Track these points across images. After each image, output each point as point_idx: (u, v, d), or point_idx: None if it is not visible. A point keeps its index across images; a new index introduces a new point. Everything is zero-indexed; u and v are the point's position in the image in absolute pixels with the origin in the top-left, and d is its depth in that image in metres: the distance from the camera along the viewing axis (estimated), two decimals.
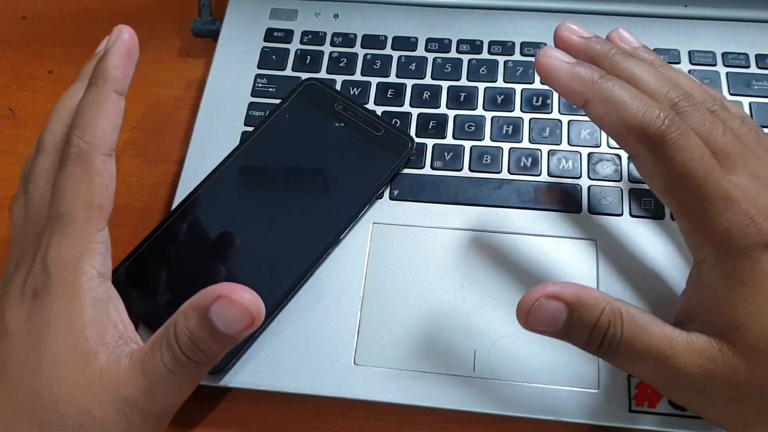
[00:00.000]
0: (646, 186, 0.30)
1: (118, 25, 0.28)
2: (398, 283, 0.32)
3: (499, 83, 0.38)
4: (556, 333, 0.24)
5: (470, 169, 0.35)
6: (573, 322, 0.24)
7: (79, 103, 0.27)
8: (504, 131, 0.36)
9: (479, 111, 0.37)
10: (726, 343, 0.22)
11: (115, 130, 0.27)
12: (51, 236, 0.25)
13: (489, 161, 0.35)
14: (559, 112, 0.37)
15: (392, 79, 0.38)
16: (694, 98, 0.26)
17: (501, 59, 0.39)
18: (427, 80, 0.38)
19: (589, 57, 0.27)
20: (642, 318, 0.24)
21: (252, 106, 0.38)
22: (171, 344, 0.23)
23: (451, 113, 0.37)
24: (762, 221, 0.22)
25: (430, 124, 0.37)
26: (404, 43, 0.40)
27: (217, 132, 0.37)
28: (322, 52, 0.40)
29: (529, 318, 0.24)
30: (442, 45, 0.40)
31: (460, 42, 0.40)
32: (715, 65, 0.38)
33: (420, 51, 0.40)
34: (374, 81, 0.38)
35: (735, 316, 0.22)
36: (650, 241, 0.32)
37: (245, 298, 0.23)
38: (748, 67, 0.38)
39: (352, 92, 0.38)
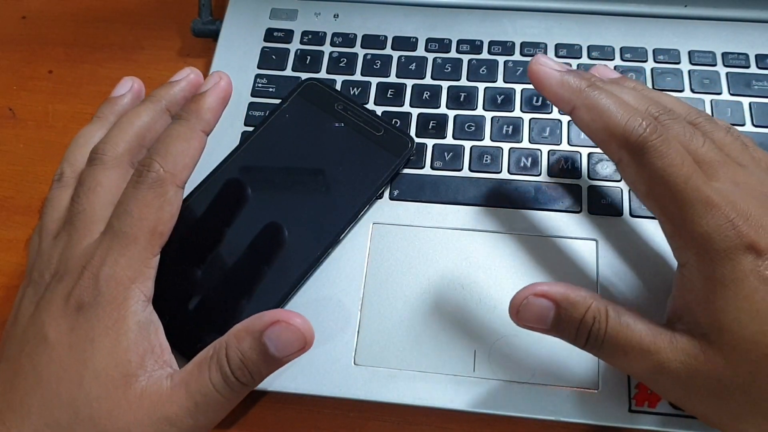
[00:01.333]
0: None
1: (218, 72, 0.30)
2: (398, 283, 0.32)
3: (499, 83, 0.38)
4: (546, 329, 0.25)
5: (470, 169, 0.35)
6: (561, 319, 0.25)
7: (165, 134, 0.28)
8: (504, 131, 0.36)
9: (479, 111, 0.37)
10: (708, 342, 0.23)
11: (193, 166, 0.28)
12: (107, 253, 0.25)
13: (489, 161, 0.35)
14: (559, 112, 0.37)
15: (392, 79, 0.39)
16: (675, 113, 0.27)
17: (501, 59, 0.39)
18: (427, 80, 0.38)
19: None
20: (627, 315, 0.25)
21: (252, 106, 0.38)
22: (222, 365, 0.24)
23: (451, 113, 0.37)
24: (741, 224, 0.23)
25: (430, 124, 0.37)
26: (404, 43, 0.40)
27: (217, 132, 0.37)
28: (322, 52, 0.40)
29: (519, 314, 0.25)
30: (442, 45, 0.40)
31: (460, 42, 0.40)
32: (715, 65, 0.38)
33: (420, 51, 0.40)
34: (374, 81, 0.38)
35: (716, 317, 0.23)
36: (650, 241, 0.32)
37: (299, 323, 0.25)
38: (748, 67, 0.38)
39: (352, 92, 0.38)
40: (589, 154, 0.35)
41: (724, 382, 0.23)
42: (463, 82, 0.38)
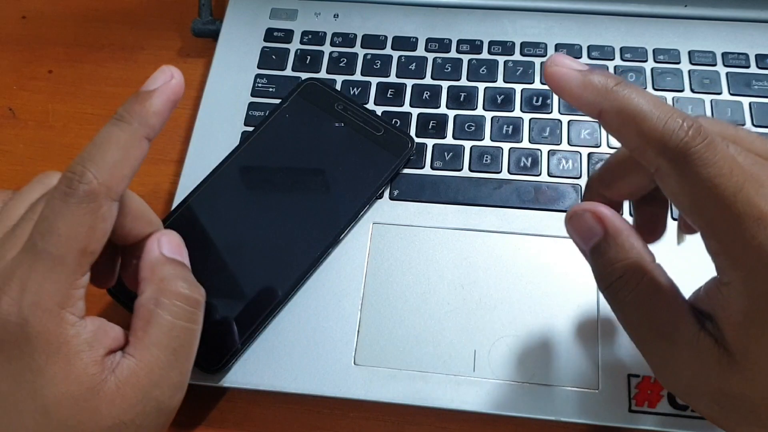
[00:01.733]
0: None
1: (168, 67, 0.25)
2: (398, 283, 0.32)
3: (499, 83, 0.38)
4: (584, 251, 0.24)
5: (470, 169, 0.35)
6: (599, 251, 0.24)
7: (101, 136, 0.24)
8: (504, 131, 0.36)
9: (479, 111, 0.37)
10: (729, 359, 0.22)
11: (131, 177, 0.24)
12: (29, 275, 0.22)
13: (489, 161, 0.35)
14: (559, 112, 0.37)
15: (392, 79, 0.39)
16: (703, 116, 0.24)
17: (501, 59, 0.39)
18: (427, 80, 0.38)
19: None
20: (664, 292, 0.23)
21: (252, 106, 0.38)
22: (178, 293, 0.25)
23: (451, 113, 0.37)
24: None
25: (430, 124, 0.37)
26: (404, 43, 0.40)
27: (217, 132, 0.37)
28: (322, 52, 0.40)
29: (570, 221, 0.25)
30: (442, 45, 0.40)
31: (460, 42, 0.40)
32: (715, 65, 0.38)
33: (420, 51, 0.40)
34: (374, 81, 0.38)
35: (748, 344, 0.21)
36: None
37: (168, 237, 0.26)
38: (748, 67, 0.38)
39: (352, 92, 0.38)
40: (589, 154, 0.35)
41: (733, 399, 0.22)
42: (463, 82, 0.38)
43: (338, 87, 0.38)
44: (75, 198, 0.22)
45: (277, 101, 0.37)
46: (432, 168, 0.35)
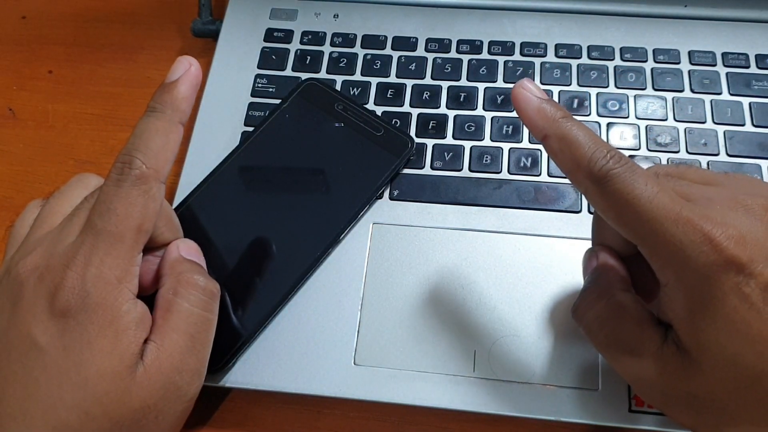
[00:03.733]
0: None
1: (185, 57, 0.29)
2: (398, 283, 0.32)
3: (499, 83, 0.38)
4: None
5: (470, 169, 0.35)
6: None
7: (141, 127, 0.27)
8: (504, 131, 0.36)
9: (479, 111, 0.37)
10: (690, 359, 0.23)
11: (173, 159, 0.27)
12: (93, 252, 0.24)
13: (489, 161, 0.35)
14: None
15: (392, 79, 0.39)
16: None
17: (501, 59, 0.39)
18: (427, 80, 0.38)
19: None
20: (627, 313, 0.25)
21: (252, 106, 0.38)
22: (194, 284, 0.27)
23: (451, 113, 0.37)
24: (719, 237, 0.22)
25: (430, 124, 0.37)
26: (404, 43, 0.40)
27: (217, 132, 0.37)
28: (322, 52, 0.40)
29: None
30: (442, 45, 0.40)
31: (460, 42, 0.40)
32: (715, 65, 0.38)
33: (420, 51, 0.40)
34: (374, 81, 0.38)
35: (697, 337, 0.22)
36: None
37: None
38: (748, 67, 0.38)
39: (352, 92, 0.38)
40: None
41: (701, 400, 0.23)
42: (463, 82, 0.38)
43: (338, 87, 0.38)
44: (128, 182, 0.25)
45: (277, 101, 0.37)
46: (432, 168, 0.35)
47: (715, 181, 0.26)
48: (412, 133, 0.36)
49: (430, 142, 0.36)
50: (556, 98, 0.37)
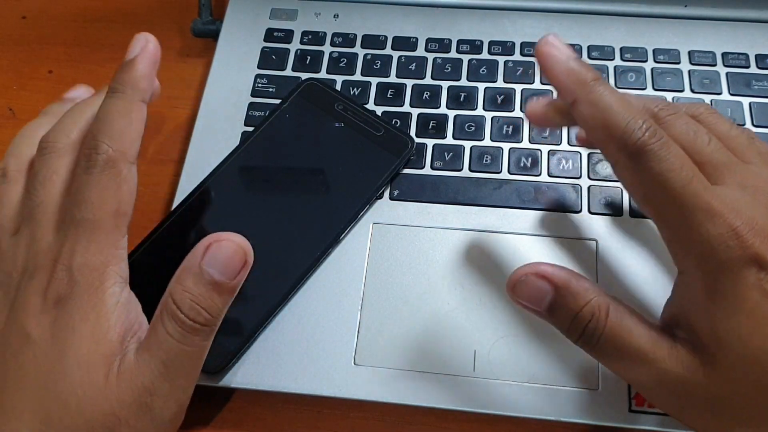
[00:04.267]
0: None
1: (142, 33, 0.29)
2: (398, 283, 0.32)
3: (499, 83, 0.38)
4: (540, 312, 0.25)
5: (470, 169, 0.35)
6: (557, 306, 0.24)
7: (103, 110, 0.27)
8: (504, 131, 0.36)
9: (479, 111, 0.37)
10: (707, 355, 0.22)
11: (140, 138, 0.27)
12: (76, 242, 0.25)
13: (489, 161, 0.35)
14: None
15: (392, 79, 0.39)
16: (676, 106, 0.26)
17: (501, 59, 0.39)
18: (427, 80, 0.38)
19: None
20: (628, 317, 0.24)
21: (252, 106, 0.38)
22: (174, 313, 0.24)
23: (451, 113, 0.37)
24: (745, 234, 0.21)
25: (430, 124, 0.37)
26: (404, 43, 0.40)
27: (217, 132, 0.37)
28: (322, 52, 0.40)
29: (515, 290, 0.25)
30: (442, 45, 0.40)
31: (460, 42, 0.40)
32: (715, 65, 0.38)
33: (420, 51, 0.40)
34: (374, 81, 0.38)
35: (716, 331, 0.22)
36: (650, 241, 0.32)
37: (232, 236, 0.25)
38: (748, 67, 0.38)
39: (352, 92, 0.38)
40: (589, 154, 0.35)
41: (721, 399, 0.22)
42: (463, 82, 0.38)
43: (338, 87, 0.38)
44: (97, 168, 0.25)
45: (277, 101, 0.37)
46: (432, 168, 0.35)
47: (749, 155, 0.25)
48: (412, 133, 0.36)
49: (430, 142, 0.36)
50: (556, 98, 0.37)
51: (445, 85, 0.38)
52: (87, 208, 0.25)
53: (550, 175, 0.35)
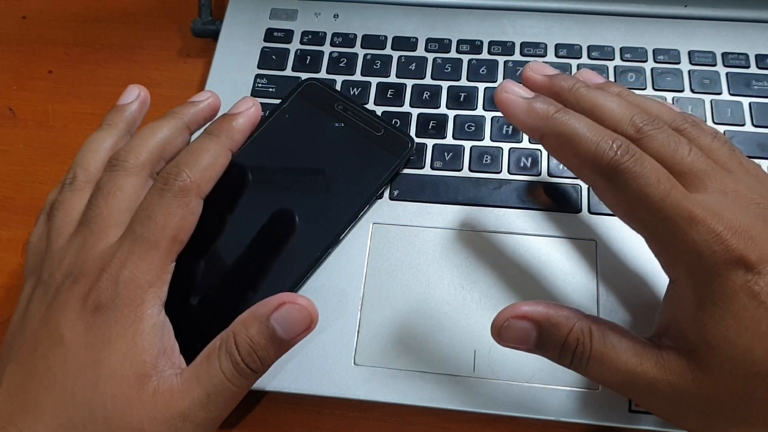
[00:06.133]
0: None
1: (251, 98, 0.32)
2: (398, 283, 0.32)
3: (499, 83, 0.38)
4: (529, 350, 0.25)
5: (470, 169, 0.35)
6: (543, 340, 0.25)
7: (195, 145, 0.29)
8: (504, 131, 0.36)
9: (479, 111, 0.37)
10: (696, 360, 0.22)
11: (215, 181, 0.28)
12: (128, 256, 0.25)
13: (489, 161, 0.35)
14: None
15: (392, 79, 0.39)
16: (661, 119, 0.26)
17: (501, 59, 0.39)
18: (427, 80, 0.38)
19: (553, 93, 0.27)
20: (612, 334, 0.24)
21: None
22: (232, 353, 0.25)
23: (451, 113, 0.37)
24: (729, 238, 0.22)
25: (430, 124, 0.37)
26: (404, 43, 0.40)
27: None
28: (322, 52, 0.40)
29: (501, 336, 0.25)
30: (442, 45, 0.40)
31: (460, 42, 0.40)
32: (715, 65, 0.38)
33: (420, 51, 0.40)
34: (374, 81, 0.38)
35: (705, 335, 0.22)
36: None
37: (305, 302, 0.26)
38: (748, 67, 0.38)
39: (352, 92, 0.38)
40: None
41: (712, 401, 0.22)
42: (463, 82, 0.38)
43: (338, 87, 0.38)
44: (171, 192, 0.26)
45: (277, 101, 0.37)
46: (432, 168, 0.35)
47: (730, 165, 0.25)
48: (412, 133, 0.36)
49: (430, 142, 0.36)
50: None
51: (445, 85, 0.38)
52: (150, 227, 0.26)
53: (550, 175, 0.35)
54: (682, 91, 0.37)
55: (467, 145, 0.36)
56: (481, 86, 0.38)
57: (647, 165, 0.23)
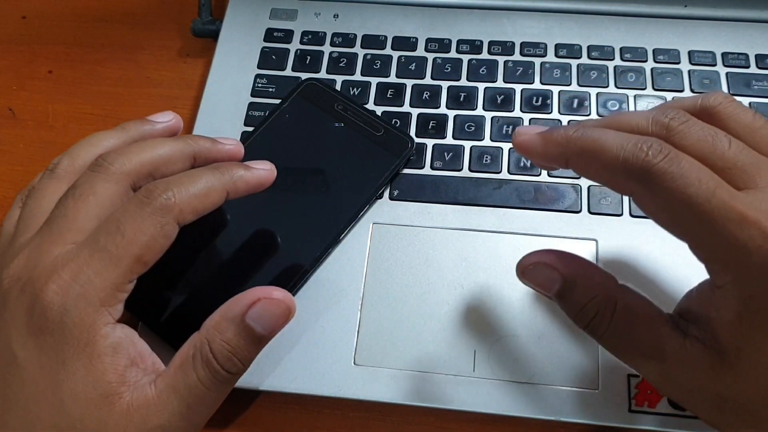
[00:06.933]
0: None
1: (269, 163, 0.29)
2: (398, 283, 0.32)
3: (499, 83, 0.38)
4: (549, 297, 0.25)
5: (470, 169, 0.35)
6: (565, 296, 0.24)
7: (195, 172, 0.26)
8: (504, 131, 0.36)
9: (479, 111, 0.37)
10: (723, 361, 0.22)
11: (200, 215, 0.26)
12: (83, 268, 0.23)
13: (489, 161, 0.35)
14: (559, 112, 0.37)
15: (392, 79, 0.39)
16: (685, 112, 0.23)
17: (501, 59, 0.39)
18: (427, 80, 0.38)
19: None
20: (639, 313, 0.23)
21: (252, 106, 0.38)
22: (209, 361, 0.24)
23: (451, 113, 0.37)
24: None
25: (430, 124, 0.37)
26: (404, 43, 0.40)
27: (217, 132, 0.37)
28: (322, 52, 0.40)
29: (524, 274, 0.25)
30: (442, 45, 0.40)
31: (460, 42, 0.40)
32: (715, 65, 0.38)
33: (420, 51, 0.40)
34: (374, 81, 0.38)
35: (740, 343, 0.21)
36: (650, 241, 0.32)
37: (280, 295, 0.24)
38: (748, 67, 0.38)
39: (352, 92, 0.38)
40: None
41: (730, 401, 0.22)
42: (463, 82, 0.38)
43: (338, 87, 0.38)
44: (150, 207, 0.24)
45: (277, 101, 0.37)
46: (432, 168, 0.35)
47: None
48: (412, 133, 0.36)
49: (430, 142, 0.36)
50: (556, 98, 0.37)
51: (445, 85, 0.38)
52: (115, 239, 0.23)
53: (550, 175, 0.35)
54: (682, 91, 0.37)
55: (467, 145, 0.36)
56: (481, 86, 0.38)
57: (684, 163, 0.21)
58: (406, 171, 0.35)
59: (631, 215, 0.33)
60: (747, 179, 0.21)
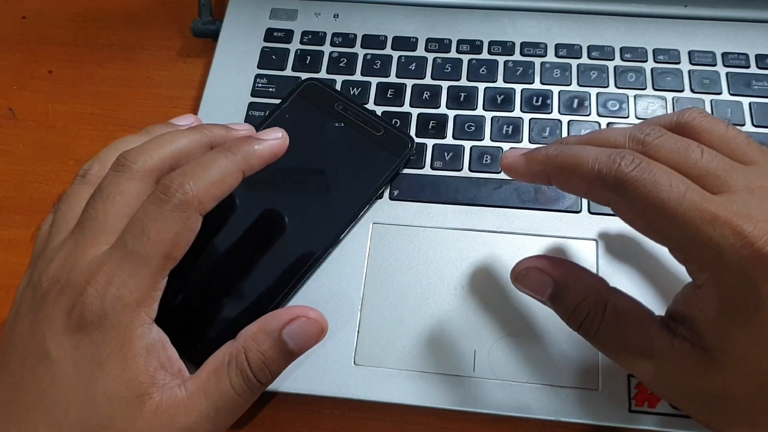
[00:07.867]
0: None
1: (282, 130, 0.29)
2: (398, 283, 0.32)
3: (499, 83, 0.38)
4: (543, 301, 0.26)
5: (470, 169, 0.35)
6: (557, 298, 0.25)
7: (207, 158, 0.26)
8: (504, 131, 0.36)
9: (479, 111, 0.37)
10: (709, 359, 0.22)
11: (220, 199, 0.26)
12: (116, 272, 0.24)
13: (489, 161, 0.35)
14: (559, 112, 0.37)
15: (392, 79, 0.39)
16: (660, 127, 0.24)
17: (501, 59, 0.39)
18: (427, 80, 0.38)
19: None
20: (629, 313, 0.24)
21: (252, 106, 0.38)
22: (243, 369, 0.25)
23: (451, 113, 0.37)
24: (759, 240, 0.20)
25: (430, 124, 0.37)
26: (404, 43, 0.40)
27: None
28: (322, 52, 0.40)
29: (518, 280, 0.26)
30: (442, 45, 0.40)
31: (460, 42, 0.40)
32: (715, 65, 0.38)
33: (420, 51, 0.40)
34: (374, 81, 0.38)
35: (723, 340, 0.22)
36: (650, 242, 0.32)
37: (315, 315, 0.26)
38: (748, 67, 0.38)
39: (352, 92, 0.38)
40: None
41: (718, 398, 0.22)
42: (463, 82, 0.38)
43: (338, 87, 0.38)
44: (169, 205, 0.24)
45: (277, 101, 0.37)
46: (432, 168, 0.35)
47: (750, 155, 0.24)
48: (412, 133, 0.36)
49: (430, 142, 0.36)
50: (556, 98, 0.37)
51: (445, 85, 0.38)
52: (142, 241, 0.24)
53: None
54: (682, 91, 0.37)
55: (467, 145, 0.36)
56: (481, 86, 0.38)
57: (655, 170, 0.22)
58: (406, 171, 0.35)
59: None
60: (720, 184, 0.22)
